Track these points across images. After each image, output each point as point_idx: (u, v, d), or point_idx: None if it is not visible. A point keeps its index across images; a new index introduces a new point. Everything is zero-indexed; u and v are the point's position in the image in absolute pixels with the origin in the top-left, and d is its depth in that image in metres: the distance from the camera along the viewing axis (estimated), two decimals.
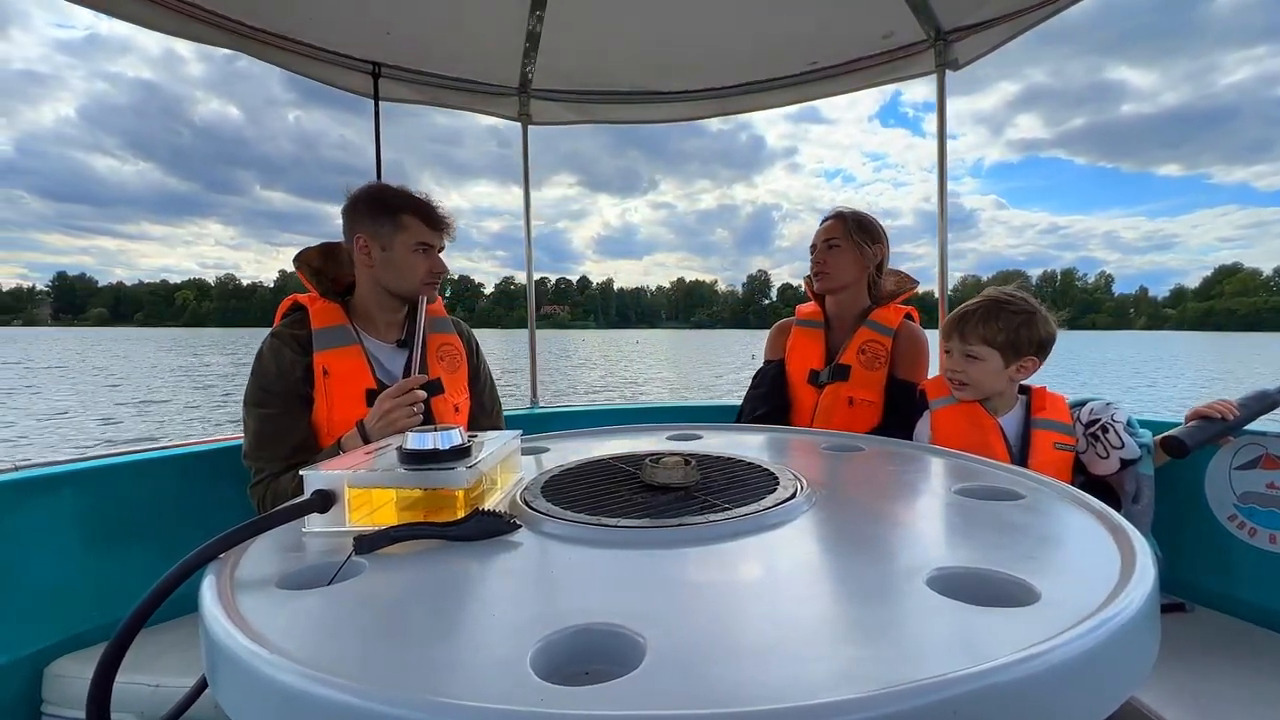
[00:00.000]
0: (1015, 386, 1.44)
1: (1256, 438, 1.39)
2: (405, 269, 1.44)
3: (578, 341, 19.27)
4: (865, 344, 1.71)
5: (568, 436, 1.21)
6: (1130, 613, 0.44)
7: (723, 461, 0.92)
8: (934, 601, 0.48)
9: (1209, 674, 1.16)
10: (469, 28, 2.19)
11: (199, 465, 1.59)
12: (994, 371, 1.40)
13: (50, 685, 1.28)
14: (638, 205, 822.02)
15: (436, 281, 1.50)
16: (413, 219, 1.45)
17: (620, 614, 0.47)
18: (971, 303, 1.44)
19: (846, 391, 1.69)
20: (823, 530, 0.66)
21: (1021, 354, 1.38)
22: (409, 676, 0.40)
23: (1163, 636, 0.49)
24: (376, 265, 1.45)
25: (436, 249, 1.49)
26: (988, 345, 1.38)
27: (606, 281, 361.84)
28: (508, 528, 0.65)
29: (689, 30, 2.24)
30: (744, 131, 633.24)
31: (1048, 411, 1.39)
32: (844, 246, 1.73)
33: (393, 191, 1.48)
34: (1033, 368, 1.40)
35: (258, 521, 0.62)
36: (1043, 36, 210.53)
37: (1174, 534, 1.47)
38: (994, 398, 1.42)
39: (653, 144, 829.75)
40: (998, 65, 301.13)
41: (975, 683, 0.36)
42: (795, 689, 0.37)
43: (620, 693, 0.37)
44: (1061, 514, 0.69)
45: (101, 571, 1.40)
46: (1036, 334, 1.38)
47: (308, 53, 2.14)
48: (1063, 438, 1.36)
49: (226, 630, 0.46)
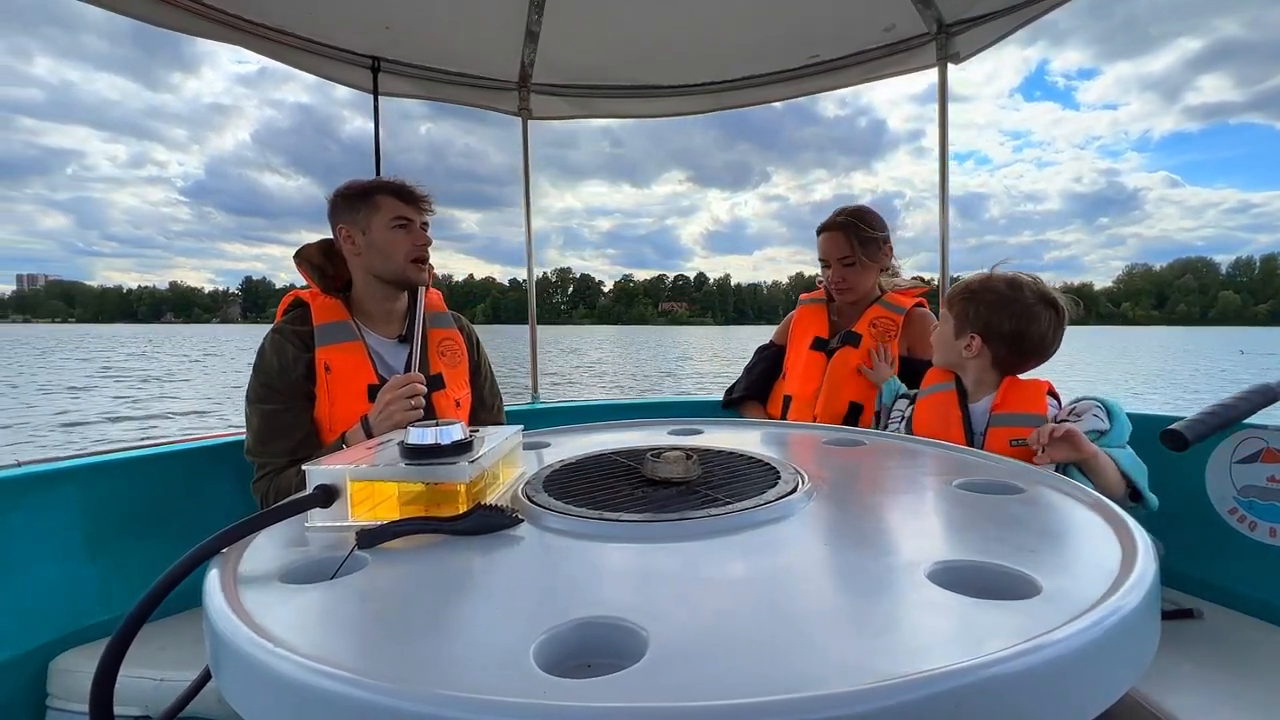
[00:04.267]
0: (985, 370, 1.36)
1: (1257, 431, 1.39)
2: (386, 247, 1.43)
3: (697, 336, 18.81)
4: (877, 319, 1.72)
5: (569, 431, 1.21)
6: (1131, 605, 0.44)
7: (724, 456, 0.92)
8: (935, 595, 0.48)
9: (1209, 667, 1.16)
10: (468, 22, 2.18)
11: (202, 460, 1.59)
12: (944, 337, 1.40)
13: (55, 679, 1.29)
14: (748, 199, 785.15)
15: (423, 256, 1.47)
16: (386, 197, 1.44)
17: (622, 607, 0.47)
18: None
19: (858, 359, 1.70)
20: (824, 524, 0.66)
21: (967, 328, 1.36)
22: (412, 669, 0.40)
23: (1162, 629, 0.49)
24: (362, 252, 1.45)
25: (417, 224, 1.47)
26: (947, 309, 1.41)
27: (724, 278, 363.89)
28: (509, 522, 0.66)
29: (689, 24, 2.23)
30: (864, 116, 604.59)
31: (1010, 405, 1.31)
32: (858, 261, 1.73)
33: (366, 179, 1.48)
34: (977, 348, 1.34)
35: (261, 516, 0.62)
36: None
37: (1174, 527, 1.47)
38: (971, 382, 1.38)
39: (765, 135, 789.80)
40: (1175, 19, 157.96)
41: (976, 675, 0.36)
42: (797, 681, 0.38)
43: (623, 685, 0.38)
44: (1062, 507, 0.69)
45: (105, 566, 1.41)
46: (994, 319, 1.32)
47: (308, 47, 2.14)
48: (1025, 431, 1.25)
49: (231, 624, 0.46)
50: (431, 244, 1.49)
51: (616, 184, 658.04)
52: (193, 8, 1.83)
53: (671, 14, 2.17)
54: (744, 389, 1.93)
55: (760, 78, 2.50)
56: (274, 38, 2.05)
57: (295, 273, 1.53)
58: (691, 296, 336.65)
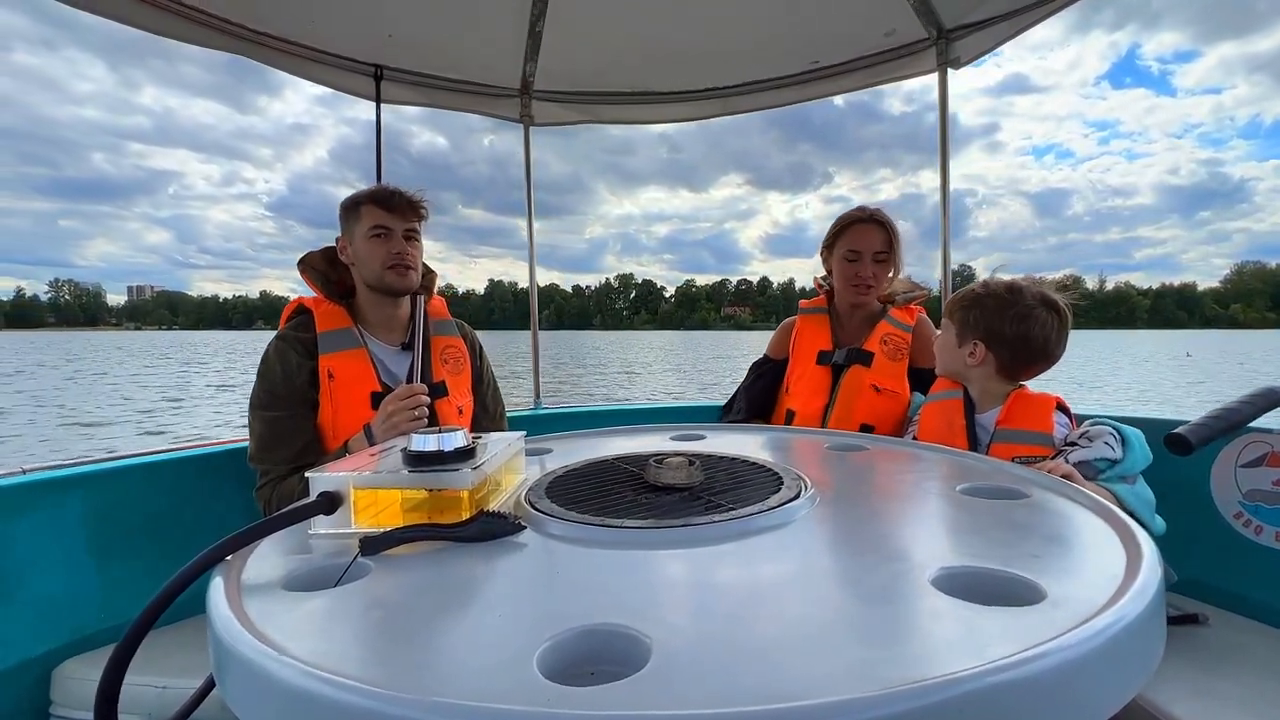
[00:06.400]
0: (989, 378, 1.35)
1: (1262, 435, 1.39)
2: (366, 255, 1.45)
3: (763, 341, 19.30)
4: (887, 335, 1.67)
5: (571, 437, 1.21)
6: (1136, 611, 0.44)
7: (726, 461, 0.92)
8: (939, 601, 0.48)
9: (1215, 672, 1.15)
10: (470, 30, 2.19)
11: (205, 467, 1.59)
12: (948, 345, 1.39)
13: (58, 687, 1.29)
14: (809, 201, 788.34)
15: (401, 265, 1.45)
16: (369, 206, 1.45)
17: (625, 614, 0.47)
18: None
19: (871, 379, 1.63)
20: (827, 530, 0.66)
21: (969, 335, 1.35)
22: (415, 677, 0.40)
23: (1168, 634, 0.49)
24: (354, 262, 1.48)
25: (397, 231, 1.46)
26: (948, 318, 1.40)
27: (788, 282, 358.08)
28: (512, 529, 0.66)
29: (690, 30, 2.24)
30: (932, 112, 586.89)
31: (1016, 421, 1.29)
32: (889, 261, 1.68)
33: (365, 189, 1.50)
34: (981, 356, 1.33)
35: (264, 524, 0.62)
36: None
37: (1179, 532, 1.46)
38: (977, 392, 1.37)
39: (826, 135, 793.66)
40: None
41: (981, 682, 0.36)
42: (801, 689, 0.37)
43: (626, 693, 0.38)
44: (1066, 512, 0.69)
45: (108, 573, 1.41)
46: (995, 324, 1.31)
47: (310, 56, 2.15)
48: (1029, 449, 1.23)
49: (235, 632, 0.46)
50: (412, 252, 1.47)
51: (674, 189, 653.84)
52: (197, 18, 1.85)
53: (672, 20, 2.18)
54: (744, 411, 1.83)
55: (762, 83, 2.51)
56: (278, 46, 2.06)
57: None
58: (755, 301, 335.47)
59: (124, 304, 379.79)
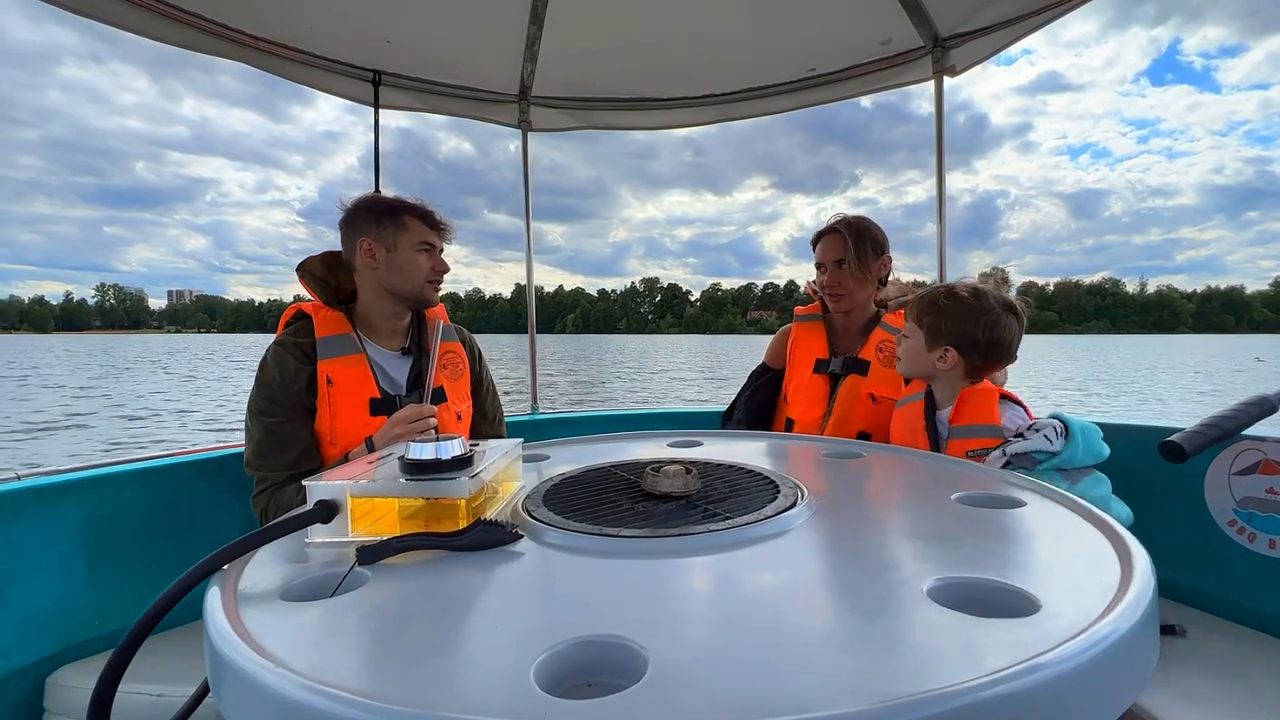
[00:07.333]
0: (955, 379, 1.39)
1: (1256, 442, 1.39)
2: (410, 268, 1.47)
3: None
4: (882, 343, 1.69)
5: (569, 443, 1.21)
6: (1130, 622, 0.44)
7: (723, 469, 0.92)
8: (935, 613, 0.48)
9: (1209, 680, 1.16)
10: (469, 35, 2.20)
11: (201, 474, 1.59)
12: (915, 350, 1.41)
13: (52, 695, 1.28)
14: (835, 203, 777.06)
15: (439, 280, 1.53)
16: (414, 220, 1.48)
17: (622, 625, 0.47)
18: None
19: (867, 388, 1.66)
20: (823, 540, 0.67)
21: (940, 341, 1.37)
22: (412, 689, 0.40)
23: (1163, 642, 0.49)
24: (381, 267, 1.46)
25: (437, 250, 1.53)
26: (914, 323, 1.42)
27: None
28: (510, 537, 0.66)
29: (688, 37, 2.25)
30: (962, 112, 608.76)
31: (965, 416, 1.35)
32: (852, 265, 1.70)
33: (391, 198, 1.51)
34: (953, 360, 1.36)
35: (261, 533, 0.62)
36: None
37: (1174, 540, 1.47)
38: (943, 392, 1.41)
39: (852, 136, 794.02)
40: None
41: (977, 695, 0.36)
42: (798, 702, 0.38)
43: (623, 705, 0.38)
44: (1060, 522, 0.69)
45: (103, 580, 1.40)
46: (968, 330, 1.35)
47: (309, 61, 2.15)
48: (980, 442, 1.29)
49: (231, 643, 0.46)
50: (449, 270, 1.54)
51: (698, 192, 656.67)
52: (196, 24, 1.85)
53: (671, 27, 2.19)
54: (744, 422, 1.86)
55: (760, 90, 2.52)
56: (276, 52, 2.07)
57: None
58: (781, 304, 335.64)
59: (164, 308, 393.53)
